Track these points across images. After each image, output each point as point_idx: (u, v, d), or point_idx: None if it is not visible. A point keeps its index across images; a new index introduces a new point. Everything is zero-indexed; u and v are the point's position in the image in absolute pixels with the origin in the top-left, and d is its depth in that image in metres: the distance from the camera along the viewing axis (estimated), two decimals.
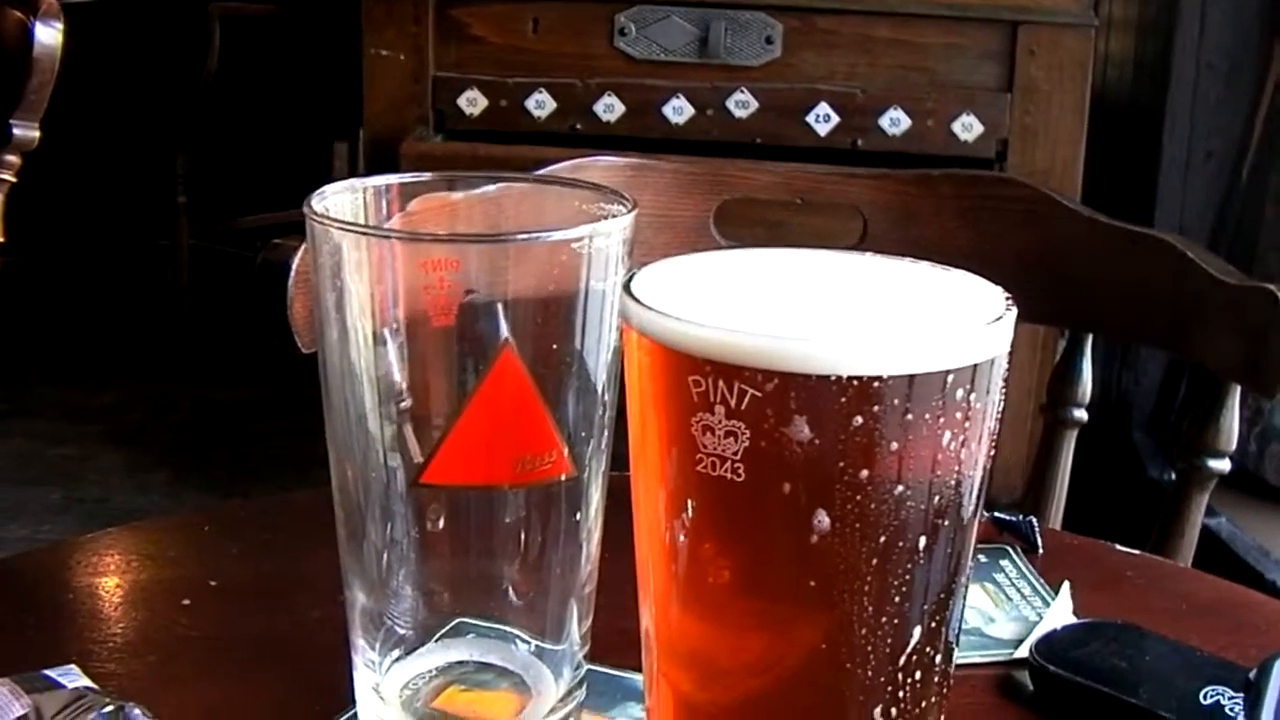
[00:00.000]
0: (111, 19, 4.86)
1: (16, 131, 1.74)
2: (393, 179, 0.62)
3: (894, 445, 0.43)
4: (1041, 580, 0.81)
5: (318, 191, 0.59)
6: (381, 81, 2.67)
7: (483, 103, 2.60)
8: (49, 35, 1.42)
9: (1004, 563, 0.82)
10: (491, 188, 0.64)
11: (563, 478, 0.59)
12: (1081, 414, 1.26)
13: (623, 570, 0.55)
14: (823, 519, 0.44)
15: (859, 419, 0.43)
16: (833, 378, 0.42)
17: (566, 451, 0.58)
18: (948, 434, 0.44)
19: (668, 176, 1.31)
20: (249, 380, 3.68)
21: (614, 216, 0.59)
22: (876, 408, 0.43)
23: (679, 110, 2.57)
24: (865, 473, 0.44)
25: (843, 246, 1.34)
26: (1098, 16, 2.60)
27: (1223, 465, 1.15)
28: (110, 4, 4.92)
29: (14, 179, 1.86)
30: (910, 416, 0.43)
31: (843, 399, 0.43)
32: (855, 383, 0.42)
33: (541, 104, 2.58)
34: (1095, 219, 1.25)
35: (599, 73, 2.58)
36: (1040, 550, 0.84)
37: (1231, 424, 1.16)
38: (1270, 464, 2.38)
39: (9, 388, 3.68)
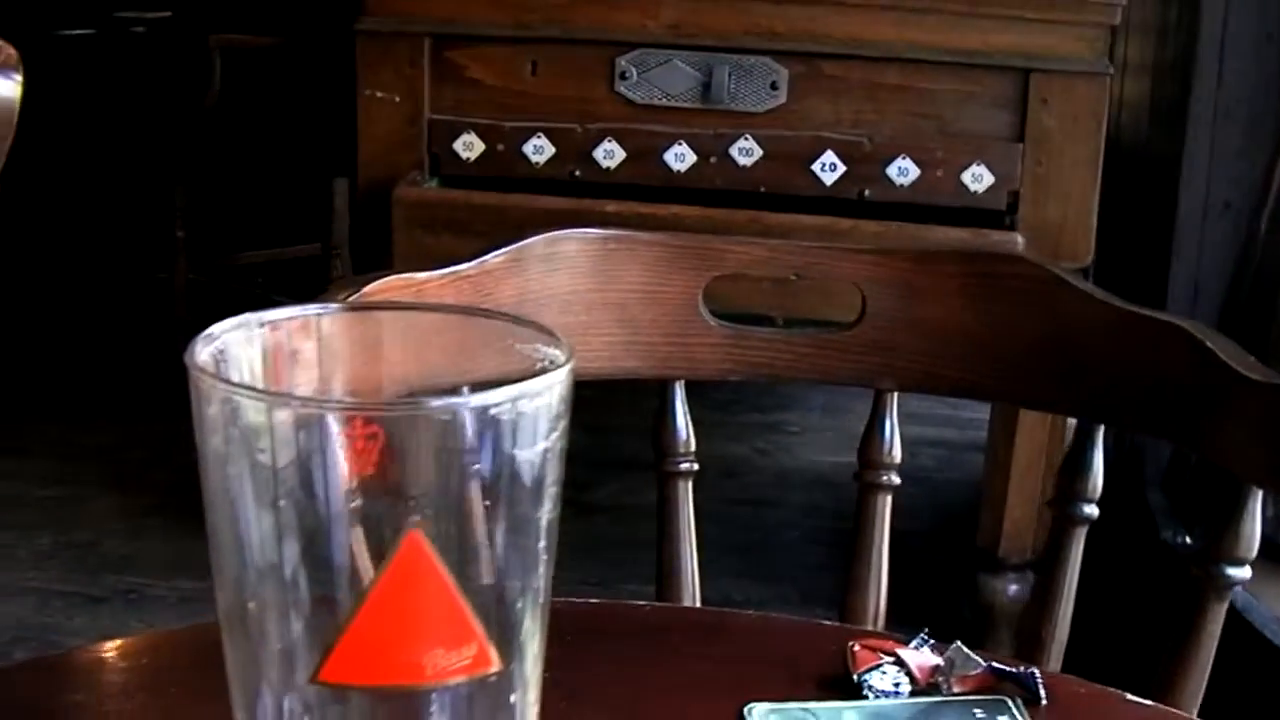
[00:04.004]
0: (112, 49, 4.81)
1: None
2: (295, 312, 0.54)
3: None
4: None
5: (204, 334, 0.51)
6: (376, 124, 2.61)
7: (479, 147, 2.53)
8: (7, 88, 1.34)
9: (1001, 719, 0.74)
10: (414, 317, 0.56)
11: (487, 674, 0.51)
12: (1092, 510, 1.17)
13: None
14: None
15: None
16: None
17: (490, 644, 0.50)
18: None
19: (655, 250, 1.24)
20: None
21: (549, 369, 0.51)
22: None
23: (681, 157, 2.50)
24: None
25: (841, 325, 1.26)
26: (1113, 59, 2.52)
27: (1244, 573, 1.07)
28: (110, 35, 4.88)
29: None
30: None
31: None
32: None
33: (540, 149, 2.51)
34: (1107, 301, 1.18)
35: (599, 118, 2.51)
36: (1044, 702, 0.76)
37: (1253, 530, 1.08)
38: None
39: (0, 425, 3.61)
